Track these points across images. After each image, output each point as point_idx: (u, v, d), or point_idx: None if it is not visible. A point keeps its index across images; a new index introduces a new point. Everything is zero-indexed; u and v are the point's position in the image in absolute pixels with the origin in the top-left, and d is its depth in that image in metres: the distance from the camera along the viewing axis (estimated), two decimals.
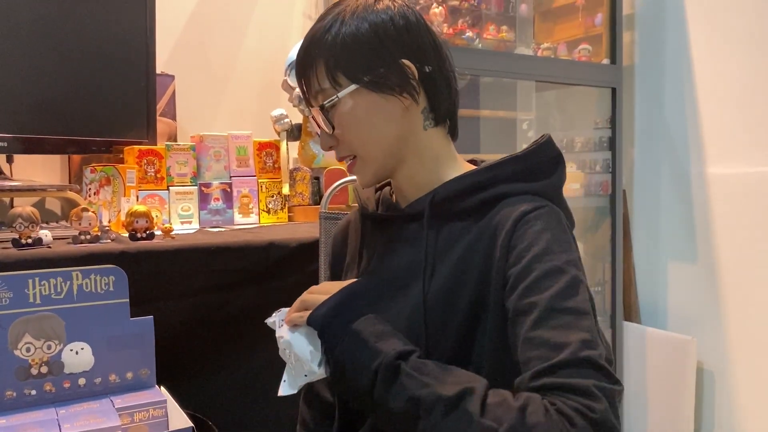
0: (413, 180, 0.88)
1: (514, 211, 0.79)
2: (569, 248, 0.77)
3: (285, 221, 1.69)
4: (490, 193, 0.82)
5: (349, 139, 0.85)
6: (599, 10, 2.32)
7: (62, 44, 1.46)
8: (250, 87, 2.09)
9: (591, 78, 2.27)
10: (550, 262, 0.74)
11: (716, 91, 2.15)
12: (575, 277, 0.74)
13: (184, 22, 1.99)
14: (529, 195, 0.82)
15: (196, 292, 1.21)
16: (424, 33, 0.85)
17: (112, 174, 1.41)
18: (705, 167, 2.18)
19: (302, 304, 0.81)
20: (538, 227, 0.77)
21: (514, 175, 0.83)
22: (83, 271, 0.89)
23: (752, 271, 2.05)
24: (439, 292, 0.81)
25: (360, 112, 0.83)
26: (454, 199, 0.84)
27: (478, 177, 0.84)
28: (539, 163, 0.85)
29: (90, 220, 1.17)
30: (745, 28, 2.06)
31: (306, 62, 0.85)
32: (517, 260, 0.76)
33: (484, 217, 0.82)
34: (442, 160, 0.88)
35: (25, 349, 0.86)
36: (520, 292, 0.73)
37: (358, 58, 0.82)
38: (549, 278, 0.73)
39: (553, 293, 0.71)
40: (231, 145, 1.64)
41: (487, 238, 0.80)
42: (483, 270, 0.79)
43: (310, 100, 0.87)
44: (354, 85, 0.82)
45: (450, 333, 0.79)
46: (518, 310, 0.73)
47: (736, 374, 2.09)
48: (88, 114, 1.51)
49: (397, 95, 0.83)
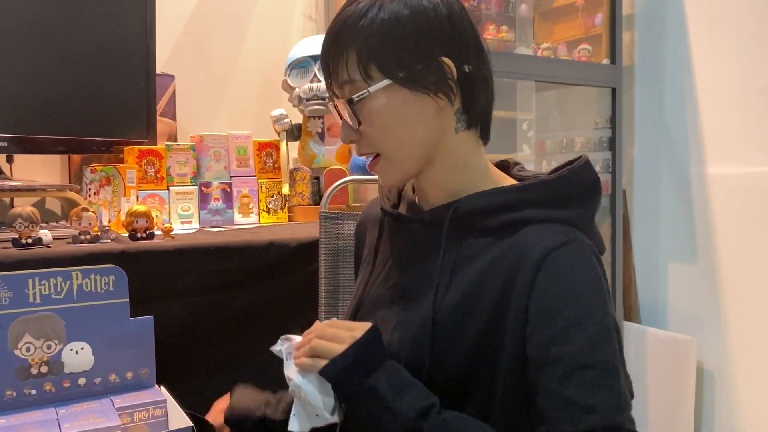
0: (438, 184, 0.83)
1: (540, 244, 0.73)
2: (598, 289, 0.72)
3: (285, 221, 1.69)
4: (515, 217, 0.76)
5: (376, 137, 0.79)
6: (599, 10, 2.32)
7: (62, 44, 1.46)
8: (250, 87, 2.09)
9: (591, 78, 2.27)
10: (577, 309, 0.70)
11: (716, 90, 2.15)
12: (604, 325, 0.70)
13: (184, 22, 1.99)
14: (557, 224, 0.75)
15: (196, 291, 1.21)
16: (467, 28, 0.78)
17: (112, 174, 1.41)
18: (705, 167, 2.18)
19: (314, 350, 0.75)
20: (565, 268, 0.72)
21: (544, 200, 0.77)
22: (83, 270, 0.89)
23: (752, 271, 2.05)
24: (451, 311, 0.76)
25: (390, 110, 0.77)
26: (476, 216, 0.78)
27: (503, 197, 0.78)
28: (573, 189, 0.78)
29: (90, 220, 1.16)
30: (745, 27, 2.06)
31: (335, 49, 0.77)
32: (541, 303, 0.71)
33: (506, 239, 0.76)
34: (470, 167, 0.82)
35: (25, 348, 0.86)
36: (545, 340, 0.69)
37: (395, 52, 0.75)
38: (576, 328, 0.69)
39: (580, 346, 0.68)
40: (231, 145, 1.64)
41: (508, 264, 0.74)
42: (499, 297, 0.74)
43: (335, 89, 0.80)
44: (387, 81, 0.76)
45: (457, 354, 0.75)
46: (542, 360, 0.69)
47: (737, 374, 2.09)
48: (88, 114, 1.51)
49: (432, 95, 0.77)
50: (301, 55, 1.76)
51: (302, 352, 0.76)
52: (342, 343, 0.74)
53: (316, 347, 0.75)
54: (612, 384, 0.68)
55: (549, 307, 0.70)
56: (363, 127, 0.78)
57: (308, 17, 2.22)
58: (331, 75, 0.79)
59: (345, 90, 0.78)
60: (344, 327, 0.77)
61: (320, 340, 0.76)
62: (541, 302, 0.71)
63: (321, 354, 0.74)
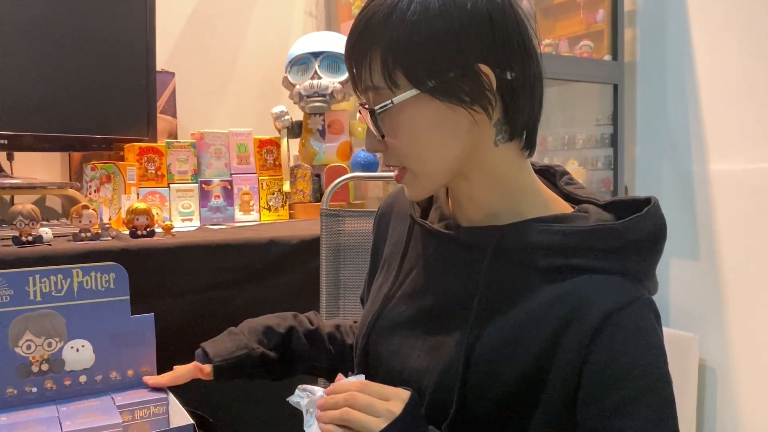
0: (474, 200, 0.74)
1: (601, 301, 0.65)
2: (661, 354, 0.67)
3: (286, 219, 1.68)
4: (572, 263, 0.68)
5: (402, 150, 0.70)
6: (601, 6, 2.31)
7: (63, 42, 1.45)
8: (251, 84, 2.09)
9: (593, 74, 2.27)
10: (642, 381, 0.64)
11: (718, 87, 2.15)
12: (667, 399, 0.66)
13: (184, 19, 1.99)
14: (619, 276, 0.67)
15: (196, 289, 1.21)
16: (512, 28, 0.68)
17: (112, 171, 1.41)
18: (707, 164, 2.17)
19: (345, 421, 0.66)
20: (630, 333, 0.65)
21: (608, 249, 0.68)
22: (84, 268, 0.88)
23: (755, 268, 2.05)
24: (487, 350, 0.69)
25: (418, 124, 0.68)
26: (525, 252, 0.70)
27: (561, 239, 0.68)
28: (641, 235, 0.69)
29: (90, 218, 1.16)
30: (747, 24, 2.05)
31: (358, 50, 0.69)
32: (602, 369, 0.64)
33: (557, 283, 0.68)
34: (511, 183, 0.73)
35: (26, 346, 0.85)
36: (604, 410, 0.64)
37: (425, 57, 0.66)
38: (638, 401, 0.64)
39: (643, 421, 0.63)
40: (231, 142, 1.63)
41: (560, 313, 0.67)
42: (546, 348, 0.67)
43: (359, 92, 0.73)
44: (414, 90, 0.67)
45: (489, 398, 0.69)
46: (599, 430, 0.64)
47: (738, 371, 2.09)
48: (88, 111, 1.51)
49: (467, 107, 0.67)
50: (301, 52, 1.75)
51: (330, 418, 0.67)
52: (378, 416, 0.66)
53: (351, 419, 0.66)
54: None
55: (611, 375, 0.64)
56: (388, 139, 0.70)
57: (308, 14, 2.22)
58: (354, 78, 0.72)
59: (369, 96, 0.70)
60: (378, 395, 0.68)
61: (353, 412, 0.67)
62: (603, 368, 0.65)
63: (354, 427, 0.66)
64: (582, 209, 0.74)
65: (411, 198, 0.76)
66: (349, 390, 0.68)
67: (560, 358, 0.66)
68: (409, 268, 0.81)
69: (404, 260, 0.82)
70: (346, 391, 0.68)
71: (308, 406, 0.72)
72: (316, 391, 0.72)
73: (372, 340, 0.81)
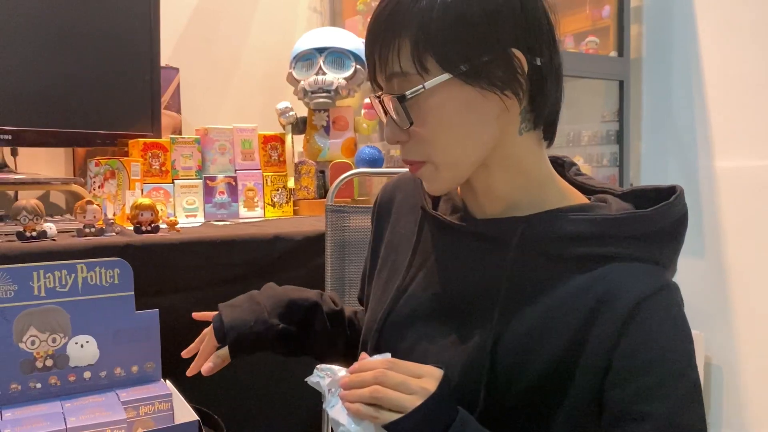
0: (494, 191, 0.73)
1: (631, 288, 0.66)
2: (689, 340, 0.68)
3: (290, 215, 1.68)
4: (599, 252, 0.68)
5: (428, 139, 0.68)
6: (607, 3, 2.30)
7: (67, 37, 1.45)
8: (255, 80, 2.09)
9: (598, 71, 2.25)
10: (671, 365, 0.65)
11: (724, 83, 2.13)
12: (695, 383, 0.66)
13: (188, 15, 1.98)
14: (647, 264, 0.68)
15: (201, 285, 1.21)
16: (541, 14, 0.68)
17: (116, 167, 1.40)
18: (713, 160, 2.16)
19: (377, 400, 0.64)
20: (660, 319, 0.65)
21: (635, 236, 0.68)
22: (88, 264, 0.88)
23: (761, 265, 2.04)
24: (515, 340, 0.69)
25: (449, 109, 0.66)
26: (549, 241, 0.69)
27: (588, 228, 0.68)
28: (666, 223, 0.70)
29: (95, 213, 1.16)
30: (753, 20, 2.04)
31: (386, 36, 0.66)
32: (631, 355, 0.65)
33: (586, 272, 0.68)
34: (532, 173, 0.72)
35: (30, 342, 0.85)
36: (632, 394, 0.64)
37: (457, 41, 0.64)
38: (668, 385, 0.64)
39: (672, 406, 0.63)
40: (236, 138, 1.63)
41: (589, 302, 0.66)
42: (575, 336, 0.67)
43: (381, 81, 0.69)
44: (446, 75, 0.65)
45: (517, 388, 0.68)
46: (626, 415, 0.64)
47: (744, 369, 2.08)
48: (92, 107, 1.51)
49: (499, 92, 0.66)
50: (306, 48, 1.75)
51: (358, 396, 0.65)
52: (411, 393, 0.64)
53: (381, 396, 0.63)
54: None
55: (642, 360, 0.65)
56: (414, 127, 0.68)
57: (313, 10, 2.21)
58: (377, 65, 0.68)
59: (393, 84, 0.68)
60: (410, 372, 0.66)
61: (384, 389, 0.64)
62: (632, 353, 0.65)
63: (387, 405, 0.64)
64: (600, 199, 0.73)
65: (432, 192, 0.74)
66: (377, 368, 0.65)
67: (590, 346, 0.66)
68: (421, 262, 0.79)
69: (415, 254, 0.80)
70: (373, 369, 0.65)
71: (330, 386, 0.68)
72: (338, 371, 0.69)
73: (384, 336, 0.79)
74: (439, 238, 0.78)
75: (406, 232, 0.84)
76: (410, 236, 0.82)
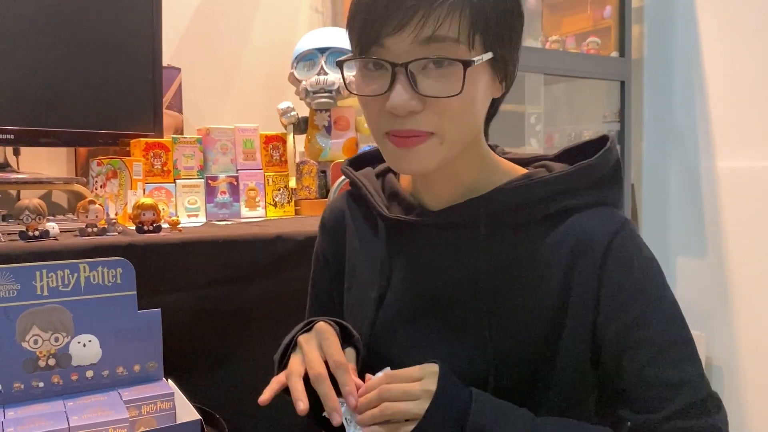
0: (455, 178, 0.76)
1: (599, 229, 0.71)
2: (658, 265, 0.73)
3: (292, 215, 1.68)
4: (560, 206, 0.73)
5: (449, 112, 0.68)
6: (608, 3, 2.30)
7: (68, 37, 1.45)
8: (257, 80, 2.09)
9: (600, 71, 2.26)
10: (651, 290, 0.71)
11: (726, 83, 2.13)
12: (673, 301, 0.72)
13: (190, 15, 1.99)
14: (602, 207, 0.74)
15: (203, 284, 1.21)
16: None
17: (118, 167, 1.40)
18: (714, 161, 2.16)
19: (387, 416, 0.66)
20: (632, 250, 0.71)
21: (588, 185, 0.74)
22: (90, 263, 0.88)
23: (761, 266, 2.04)
24: (508, 314, 0.72)
25: (477, 88, 0.69)
26: (514, 211, 0.74)
27: (547, 188, 0.73)
28: (608, 169, 0.76)
29: (97, 213, 1.16)
30: (755, 20, 2.04)
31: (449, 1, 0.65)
32: (616, 289, 0.70)
33: (554, 229, 0.73)
34: (486, 155, 0.78)
35: (33, 341, 0.85)
36: (625, 325, 0.69)
37: (500, 26, 0.69)
38: (655, 309, 0.70)
39: (663, 326, 0.69)
40: (238, 138, 1.63)
41: (564, 254, 0.71)
42: (561, 290, 0.71)
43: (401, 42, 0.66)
44: (490, 54, 0.68)
45: (520, 358, 0.72)
46: (624, 345, 0.69)
47: (745, 369, 2.08)
48: (94, 107, 1.51)
49: (503, 81, 0.74)
50: (307, 48, 1.75)
51: (371, 417, 0.66)
52: (417, 399, 0.66)
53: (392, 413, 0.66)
54: (694, 356, 0.69)
55: (625, 293, 0.70)
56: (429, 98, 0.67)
57: (315, 10, 2.21)
58: (417, 23, 0.65)
59: (431, 48, 0.66)
60: (408, 378, 0.68)
61: (391, 404, 0.66)
62: (617, 289, 0.70)
63: (397, 417, 0.66)
64: (539, 166, 0.80)
65: (420, 170, 0.72)
66: (377, 386, 0.68)
67: (576, 294, 0.71)
68: (392, 269, 0.81)
69: (384, 263, 0.81)
70: (375, 388, 0.68)
71: (345, 415, 0.69)
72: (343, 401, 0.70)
73: (373, 349, 0.79)
74: (405, 240, 0.80)
75: (367, 245, 0.84)
76: (373, 247, 0.83)
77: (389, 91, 0.67)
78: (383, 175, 0.87)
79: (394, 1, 0.65)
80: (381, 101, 0.69)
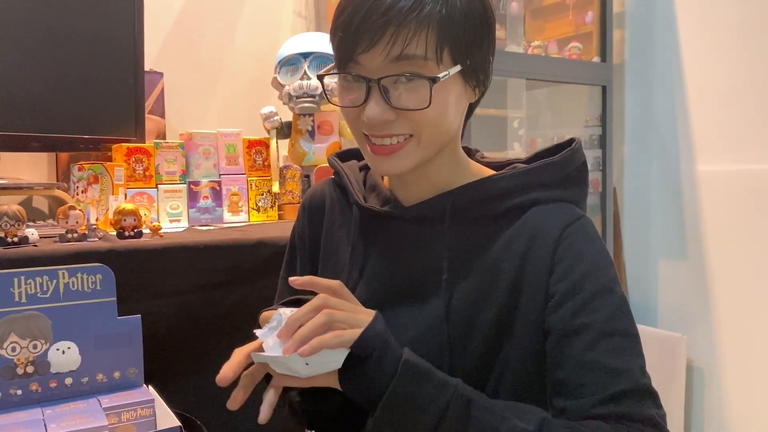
0: (430, 178, 0.80)
1: (553, 221, 0.75)
2: (609, 259, 0.76)
3: (275, 219, 1.68)
4: (521, 200, 0.77)
5: (423, 120, 0.73)
6: (589, 8, 2.33)
7: (49, 41, 1.44)
8: (240, 84, 2.08)
9: (581, 76, 2.28)
10: (600, 281, 0.72)
11: (706, 88, 2.16)
12: (622, 296, 0.73)
13: (173, 19, 1.98)
14: (563, 203, 0.78)
15: (184, 290, 1.20)
16: None
17: (100, 172, 1.40)
18: (695, 164, 2.19)
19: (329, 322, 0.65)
20: (584, 241, 0.74)
21: (549, 182, 0.78)
22: (70, 269, 0.88)
23: (742, 268, 2.06)
24: (463, 304, 0.76)
25: (449, 98, 0.74)
26: (478, 205, 0.78)
27: (509, 182, 0.78)
28: (572, 169, 0.80)
29: (77, 218, 1.15)
30: (735, 25, 2.07)
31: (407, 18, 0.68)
32: (564, 276, 0.72)
33: (513, 223, 0.77)
34: (461, 158, 0.83)
35: (11, 348, 0.85)
36: (570, 311, 0.71)
37: (469, 40, 0.73)
38: (600, 298, 0.71)
39: (606, 314, 0.70)
40: (220, 142, 1.63)
41: (520, 245, 0.75)
42: (515, 279, 0.74)
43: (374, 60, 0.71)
44: (458, 67, 0.72)
45: (474, 345, 0.75)
46: (567, 331, 0.70)
47: (726, 371, 2.11)
48: (75, 111, 1.50)
49: (477, 89, 0.78)
50: (291, 53, 1.75)
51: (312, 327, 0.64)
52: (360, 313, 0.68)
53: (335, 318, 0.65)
54: (637, 350, 0.70)
55: (574, 279, 0.72)
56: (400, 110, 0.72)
57: (298, 14, 2.21)
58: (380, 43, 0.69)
59: (400, 65, 0.70)
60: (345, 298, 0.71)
61: (336, 311, 0.66)
62: (565, 275, 0.72)
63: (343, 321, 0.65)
64: (511, 168, 0.83)
65: (397, 170, 0.76)
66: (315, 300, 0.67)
67: (529, 282, 0.73)
68: (363, 257, 0.84)
69: (355, 250, 0.85)
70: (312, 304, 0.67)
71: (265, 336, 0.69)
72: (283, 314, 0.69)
73: None
74: (376, 231, 0.84)
75: (342, 232, 0.88)
76: (347, 235, 0.87)
77: (365, 103, 0.74)
78: (366, 169, 0.92)
79: (366, 21, 0.70)
80: (359, 109, 0.75)
